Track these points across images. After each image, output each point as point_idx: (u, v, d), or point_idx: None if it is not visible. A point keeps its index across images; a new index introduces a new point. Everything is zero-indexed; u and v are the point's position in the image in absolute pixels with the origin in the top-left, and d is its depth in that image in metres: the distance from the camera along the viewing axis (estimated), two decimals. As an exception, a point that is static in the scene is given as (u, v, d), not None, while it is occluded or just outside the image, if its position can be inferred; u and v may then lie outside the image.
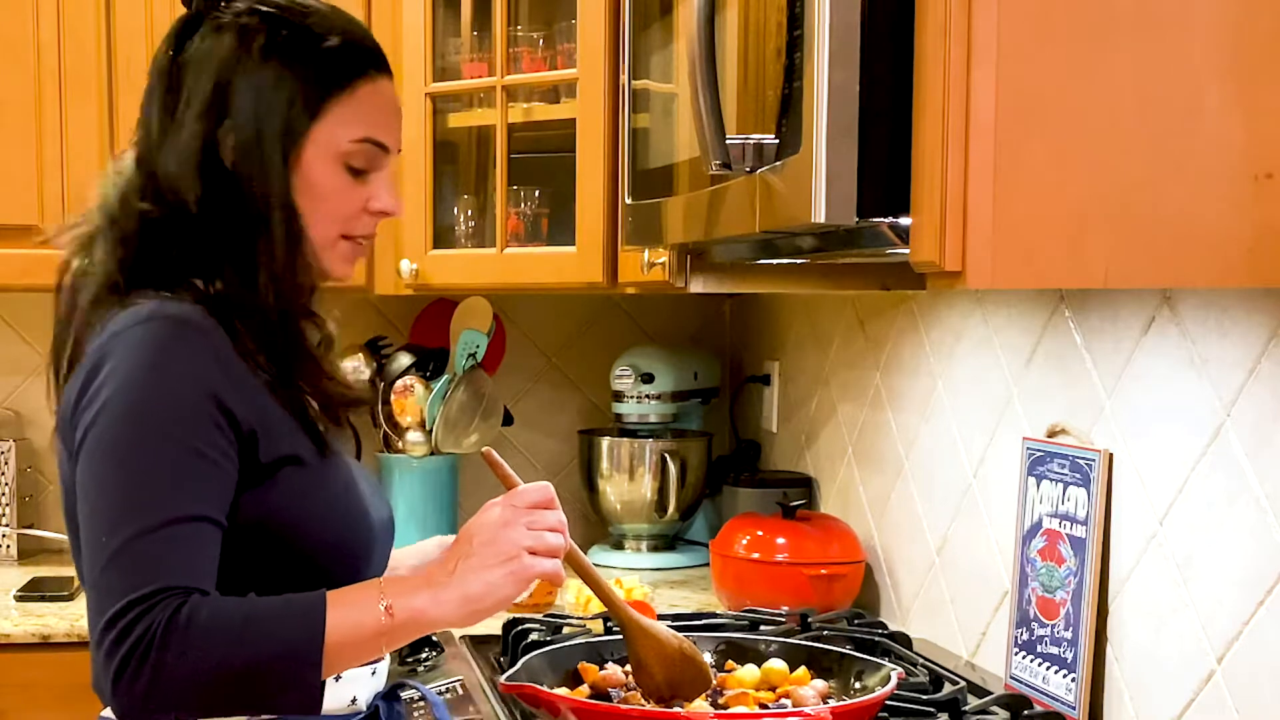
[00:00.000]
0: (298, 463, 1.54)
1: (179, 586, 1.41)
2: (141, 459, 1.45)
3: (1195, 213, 1.26)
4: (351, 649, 1.45)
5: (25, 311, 3.08)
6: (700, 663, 1.70)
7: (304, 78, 1.57)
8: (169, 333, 1.49)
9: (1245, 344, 1.58)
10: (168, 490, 1.44)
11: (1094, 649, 1.82)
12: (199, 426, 1.46)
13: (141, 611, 1.39)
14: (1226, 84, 1.26)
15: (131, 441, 1.45)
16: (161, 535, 1.42)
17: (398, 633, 1.47)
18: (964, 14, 1.24)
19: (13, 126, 2.76)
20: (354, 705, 1.60)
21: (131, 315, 1.51)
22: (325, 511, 1.56)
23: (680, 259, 2.05)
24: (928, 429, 2.32)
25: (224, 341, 1.52)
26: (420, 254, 2.81)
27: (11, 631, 2.50)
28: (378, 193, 1.63)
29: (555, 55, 2.73)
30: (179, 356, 1.48)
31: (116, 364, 1.48)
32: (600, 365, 3.16)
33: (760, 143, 1.47)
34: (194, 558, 1.44)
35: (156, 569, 1.41)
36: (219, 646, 1.40)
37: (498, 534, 1.49)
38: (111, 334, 1.50)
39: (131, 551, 1.41)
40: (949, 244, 1.26)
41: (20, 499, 3.01)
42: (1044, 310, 1.97)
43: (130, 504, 1.43)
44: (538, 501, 1.53)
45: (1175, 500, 1.70)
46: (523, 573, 1.49)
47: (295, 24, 1.59)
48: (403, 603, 1.46)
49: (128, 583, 1.40)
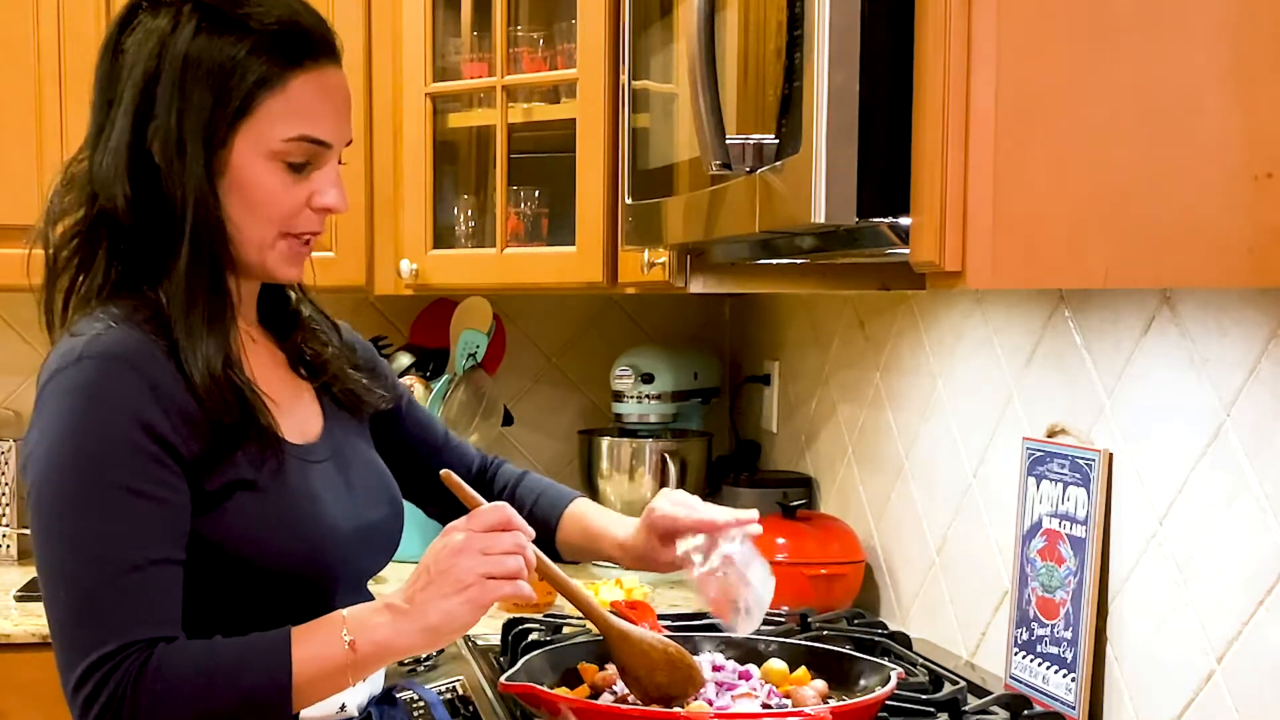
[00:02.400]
0: (248, 487, 1.51)
1: (142, 640, 1.41)
2: (82, 510, 1.43)
3: (1195, 213, 1.26)
4: (319, 684, 1.46)
5: (25, 311, 3.06)
6: (689, 663, 1.69)
7: (231, 69, 1.49)
8: (96, 373, 1.45)
9: (1245, 344, 1.58)
10: (114, 539, 1.43)
11: (1094, 649, 1.82)
12: (135, 464, 1.44)
13: (109, 671, 1.40)
14: (1226, 84, 1.26)
15: (70, 493, 1.44)
16: (117, 587, 1.42)
17: (363, 665, 1.47)
18: (964, 14, 1.24)
19: (13, 126, 2.76)
20: (343, 712, 1.60)
21: (64, 354, 1.48)
22: (281, 533, 1.53)
23: (680, 259, 2.05)
24: (928, 429, 2.32)
25: (160, 365, 1.47)
26: (420, 254, 2.81)
27: (11, 631, 2.50)
28: (321, 188, 1.55)
29: (555, 55, 2.73)
30: (106, 396, 1.45)
31: (47, 416, 1.46)
32: (600, 365, 3.16)
33: (760, 143, 1.47)
34: (154, 604, 1.44)
35: (118, 623, 1.41)
36: (189, 698, 1.41)
37: (453, 562, 1.47)
38: (47, 376, 1.49)
39: (89, 606, 1.42)
40: (949, 244, 1.26)
41: (20, 499, 3.01)
42: (1044, 310, 1.97)
43: (80, 558, 1.43)
44: (493, 524, 1.50)
45: (1175, 500, 1.70)
46: (481, 599, 1.47)
47: (226, 13, 1.50)
48: (365, 636, 1.46)
49: (92, 638, 1.41)
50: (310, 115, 1.53)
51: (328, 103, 1.55)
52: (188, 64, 1.49)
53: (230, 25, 1.51)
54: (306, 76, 1.53)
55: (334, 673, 1.46)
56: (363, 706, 1.63)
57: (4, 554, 3.02)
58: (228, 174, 1.52)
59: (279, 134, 1.52)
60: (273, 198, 1.53)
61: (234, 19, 1.51)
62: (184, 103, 1.49)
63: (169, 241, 1.52)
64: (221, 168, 1.51)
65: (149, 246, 1.53)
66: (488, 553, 1.48)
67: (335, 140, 1.56)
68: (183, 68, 1.49)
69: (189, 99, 1.49)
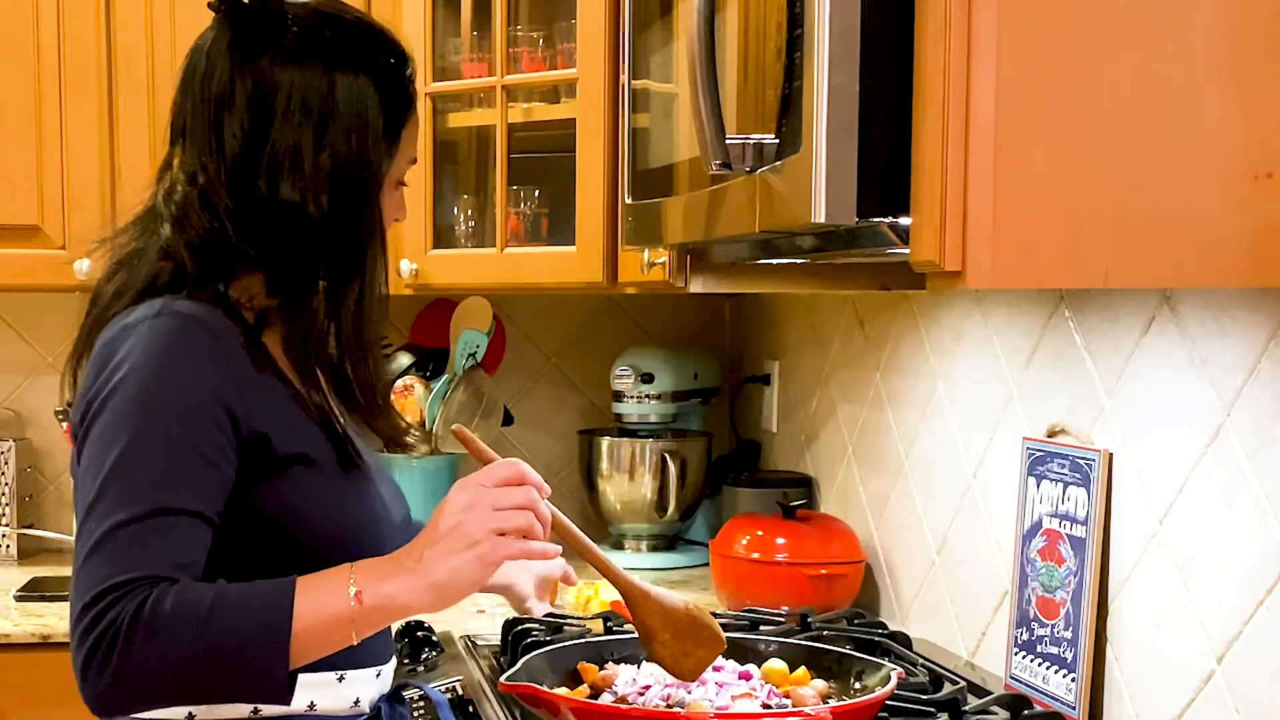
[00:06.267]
0: (309, 463, 1.53)
1: (152, 575, 1.40)
2: (139, 450, 1.44)
3: (1195, 213, 1.26)
4: (320, 636, 1.44)
5: (25, 311, 3.08)
6: (709, 622, 1.66)
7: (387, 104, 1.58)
8: (178, 328, 1.49)
9: (1245, 344, 1.58)
10: (159, 482, 1.43)
11: (1094, 649, 1.82)
12: (199, 423, 1.46)
13: (113, 600, 1.39)
14: (1226, 84, 1.26)
15: (131, 433, 1.45)
16: (146, 525, 1.42)
17: (367, 619, 1.45)
18: (964, 14, 1.24)
19: (13, 126, 2.77)
20: (357, 706, 1.60)
21: (144, 310, 1.51)
22: (338, 513, 1.55)
23: (680, 259, 2.05)
24: (928, 429, 2.32)
25: (235, 343, 1.51)
26: (420, 254, 2.82)
27: (11, 631, 2.50)
28: (401, 202, 1.66)
29: (555, 55, 2.73)
30: (186, 353, 1.48)
31: (124, 356, 1.48)
32: (600, 365, 3.16)
33: (760, 143, 1.47)
34: (175, 548, 1.43)
35: (136, 558, 1.41)
36: (183, 634, 1.38)
37: (463, 518, 1.46)
38: (122, 327, 1.51)
39: (115, 539, 1.41)
40: (949, 244, 1.26)
41: (20, 499, 3.01)
42: (1044, 310, 1.97)
43: (121, 493, 1.43)
44: (505, 479, 1.49)
45: (1175, 500, 1.70)
46: (490, 556, 1.46)
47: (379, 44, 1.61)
48: (372, 589, 1.44)
49: (106, 570, 1.40)
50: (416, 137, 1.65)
51: None
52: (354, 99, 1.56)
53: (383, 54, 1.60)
54: None
55: (336, 624, 1.44)
56: (373, 702, 1.63)
57: (4, 554, 3.02)
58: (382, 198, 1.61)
59: (407, 157, 1.63)
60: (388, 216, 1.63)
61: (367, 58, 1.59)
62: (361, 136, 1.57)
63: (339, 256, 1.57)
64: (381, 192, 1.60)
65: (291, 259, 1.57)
66: (498, 507, 1.47)
67: None
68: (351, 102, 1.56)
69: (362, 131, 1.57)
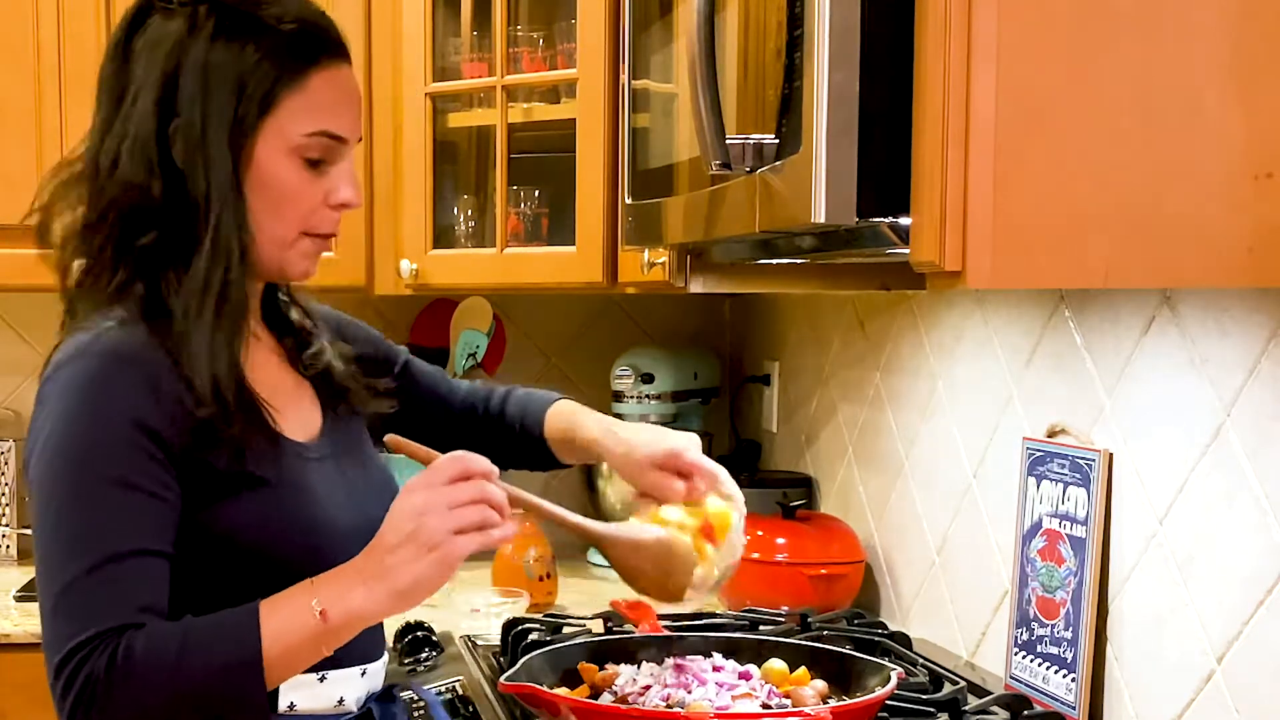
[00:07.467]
0: (253, 483, 1.52)
1: (116, 626, 1.41)
2: (76, 500, 1.45)
3: (1195, 213, 1.26)
4: (293, 656, 1.45)
5: (25, 311, 3.08)
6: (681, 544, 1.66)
7: (253, 69, 1.52)
8: (97, 369, 1.47)
9: (1245, 344, 1.58)
10: (104, 527, 1.44)
11: (1094, 649, 1.82)
12: (129, 459, 1.45)
13: (82, 659, 1.40)
14: (1226, 84, 1.26)
15: (64, 483, 1.45)
16: (100, 575, 1.42)
17: (335, 633, 1.45)
18: (964, 14, 1.24)
19: (13, 126, 2.77)
20: (341, 705, 1.59)
21: (68, 350, 1.50)
22: (281, 530, 1.53)
23: (680, 259, 2.05)
24: (928, 429, 2.32)
25: (163, 364, 1.49)
26: (420, 254, 2.81)
27: (11, 631, 2.50)
28: (336, 185, 1.58)
29: (555, 55, 2.73)
30: (107, 391, 1.46)
31: (49, 407, 1.48)
32: (600, 365, 3.15)
33: (760, 143, 1.47)
34: (133, 592, 1.44)
35: (96, 612, 1.42)
36: (159, 680, 1.40)
37: (419, 522, 1.44)
38: (50, 371, 1.50)
39: (72, 594, 1.43)
40: (949, 244, 1.26)
41: (20, 499, 3.01)
42: (1044, 310, 1.97)
43: (69, 546, 1.44)
44: (453, 475, 1.46)
45: (1175, 500, 1.70)
46: (450, 557, 1.44)
47: (245, 11, 1.53)
48: (336, 604, 1.44)
49: (71, 628, 1.42)
50: (327, 111, 1.56)
51: (343, 99, 1.59)
52: (209, 66, 1.51)
53: (248, 26, 1.53)
54: (323, 74, 1.56)
55: (306, 643, 1.44)
56: (360, 701, 1.63)
57: (4, 554, 3.02)
58: (250, 172, 1.53)
59: (299, 129, 1.54)
60: (293, 193, 1.56)
61: (251, 19, 1.53)
62: (207, 104, 1.51)
63: (186, 240, 1.53)
64: (245, 166, 1.53)
65: (163, 245, 1.53)
66: (453, 506, 1.45)
67: (350, 135, 1.59)
68: (204, 69, 1.51)
69: (212, 99, 1.51)
